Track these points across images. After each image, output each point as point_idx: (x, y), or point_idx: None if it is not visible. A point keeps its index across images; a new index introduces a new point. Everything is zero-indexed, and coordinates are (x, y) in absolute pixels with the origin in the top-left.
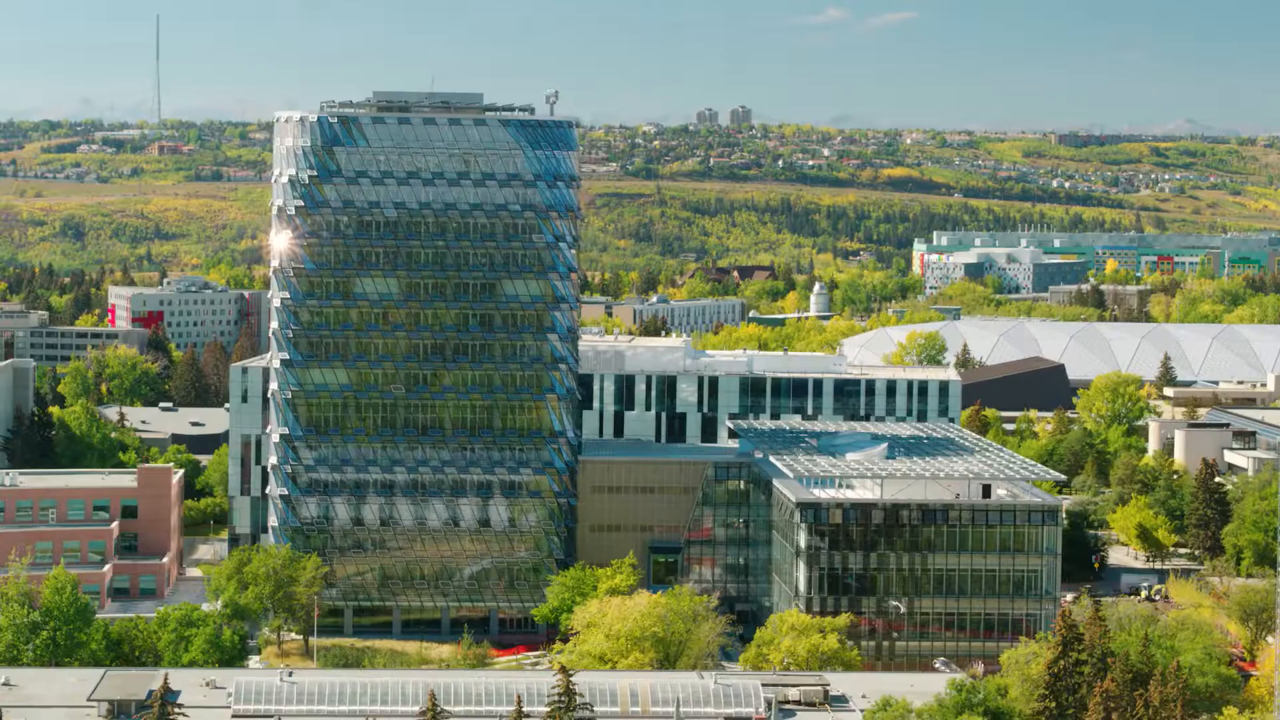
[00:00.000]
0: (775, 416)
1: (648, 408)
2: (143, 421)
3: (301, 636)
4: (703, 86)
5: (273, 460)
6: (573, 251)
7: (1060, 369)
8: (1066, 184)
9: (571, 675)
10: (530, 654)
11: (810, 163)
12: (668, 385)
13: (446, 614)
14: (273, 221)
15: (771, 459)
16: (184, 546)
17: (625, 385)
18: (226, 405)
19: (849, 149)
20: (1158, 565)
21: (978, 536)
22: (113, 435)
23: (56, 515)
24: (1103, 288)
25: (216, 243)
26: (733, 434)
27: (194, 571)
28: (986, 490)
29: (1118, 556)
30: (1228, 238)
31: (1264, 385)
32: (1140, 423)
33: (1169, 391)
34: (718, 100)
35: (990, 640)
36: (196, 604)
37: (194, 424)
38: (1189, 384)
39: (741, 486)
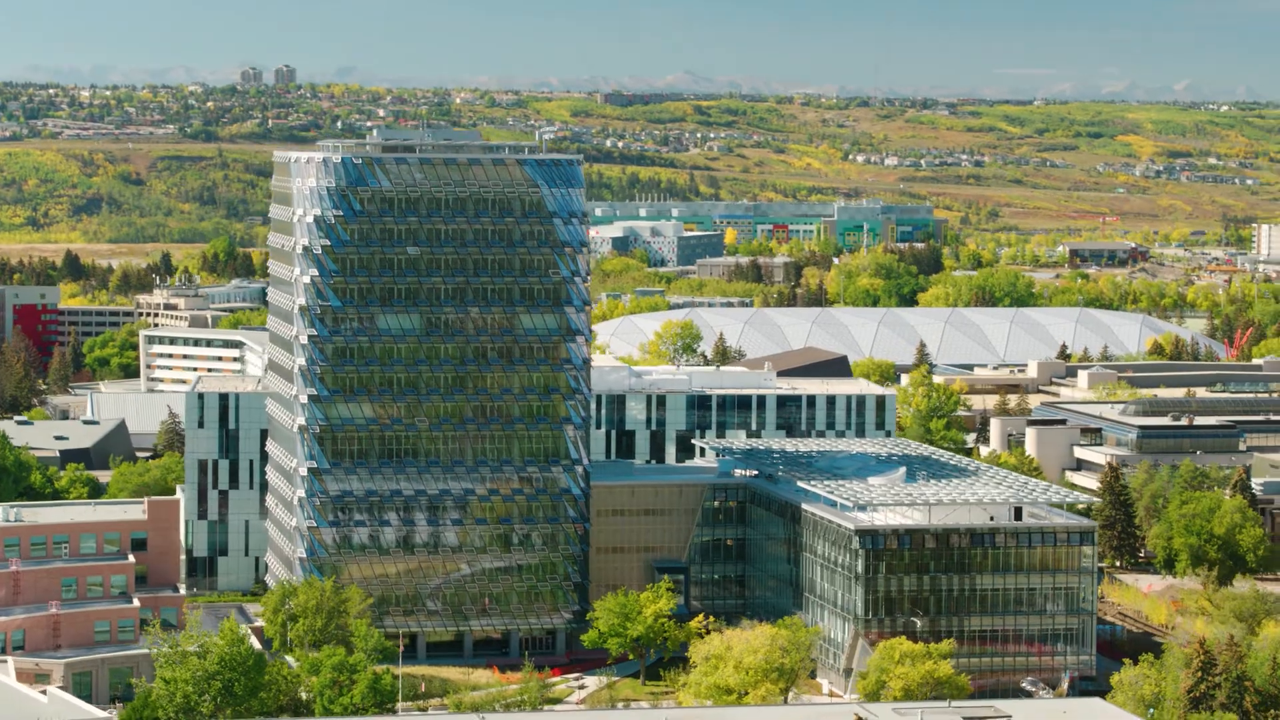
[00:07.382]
0: (721, 433)
1: (598, 425)
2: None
3: None
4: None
5: (300, 493)
6: (586, 285)
7: (844, 360)
8: (620, 144)
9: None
10: (569, 675)
11: (368, 124)
12: (617, 403)
13: (469, 637)
14: (296, 260)
15: (800, 484)
16: None
17: None
18: (82, 418)
19: (403, 109)
20: None
21: (1019, 557)
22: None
23: (69, 550)
24: (759, 261)
25: None
26: (681, 450)
27: None
28: (1018, 513)
29: None
30: (842, 206)
31: (1022, 370)
32: (956, 414)
33: (937, 379)
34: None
35: (1034, 655)
36: (340, 647)
37: (58, 438)
38: (932, 368)
39: (738, 506)
